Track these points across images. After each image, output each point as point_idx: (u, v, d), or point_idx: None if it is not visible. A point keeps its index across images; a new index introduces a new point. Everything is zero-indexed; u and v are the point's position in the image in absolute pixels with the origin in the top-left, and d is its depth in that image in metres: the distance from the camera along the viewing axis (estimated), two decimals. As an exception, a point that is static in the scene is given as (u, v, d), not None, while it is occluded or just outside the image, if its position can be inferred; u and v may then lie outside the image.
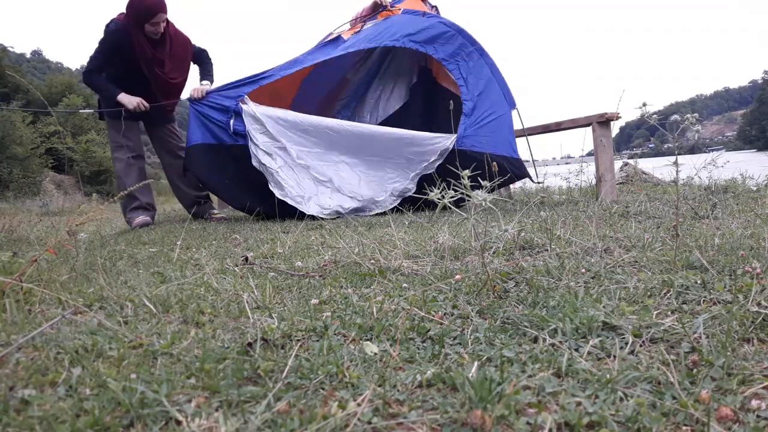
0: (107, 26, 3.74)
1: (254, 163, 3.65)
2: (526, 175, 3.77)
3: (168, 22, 3.75)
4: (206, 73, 4.02)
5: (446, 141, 3.69)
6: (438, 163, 3.68)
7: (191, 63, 4.05)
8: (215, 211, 4.29)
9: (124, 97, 3.76)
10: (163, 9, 3.60)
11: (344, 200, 3.68)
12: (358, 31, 4.08)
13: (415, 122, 4.73)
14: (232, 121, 3.66)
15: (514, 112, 3.89)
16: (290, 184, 3.64)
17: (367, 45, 3.95)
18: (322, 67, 4.51)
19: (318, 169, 3.71)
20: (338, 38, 4.08)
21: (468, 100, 3.75)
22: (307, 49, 4.09)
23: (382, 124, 5.08)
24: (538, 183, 4.10)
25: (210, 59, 4.11)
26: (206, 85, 3.82)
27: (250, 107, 3.67)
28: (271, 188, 3.64)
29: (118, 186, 3.94)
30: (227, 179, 3.77)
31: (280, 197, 3.61)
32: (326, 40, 4.15)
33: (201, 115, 3.72)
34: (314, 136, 3.75)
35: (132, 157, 3.96)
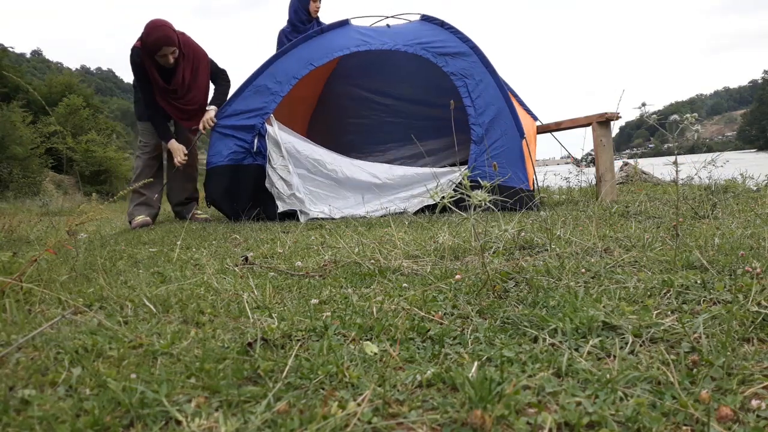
0: (131, 54, 3.87)
1: (267, 184, 3.72)
2: (535, 206, 3.48)
3: (181, 44, 3.79)
4: (215, 98, 4.05)
5: (456, 174, 3.65)
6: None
7: (209, 82, 4.09)
8: (199, 212, 4.29)
9: (173, 145, 3.97)
10: (167, 43, 3.67)
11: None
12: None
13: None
14: (256, 141, 3.71)
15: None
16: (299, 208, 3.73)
17: (381, 46, 3.91)
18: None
19: (312, 206, 3.72)
20: (347, 22, 4.08)
21: (476, 125, 3.64)
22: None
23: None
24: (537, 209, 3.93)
25: (226, 81, 4.13)
26: (211, 111, 3.85)
27: (274, 129, 3.73)
28: (280, 209, 3.70)
29: (134, 182, 4.01)
30: (237, 204, 3.83)
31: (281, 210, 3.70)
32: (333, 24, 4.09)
33: (224, 136, 3.80)
34: (328, 171, 3.80)
35: (152, 158, 4.09)
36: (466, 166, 3.66)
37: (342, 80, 5.37)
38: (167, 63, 3.75)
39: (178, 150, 3.95)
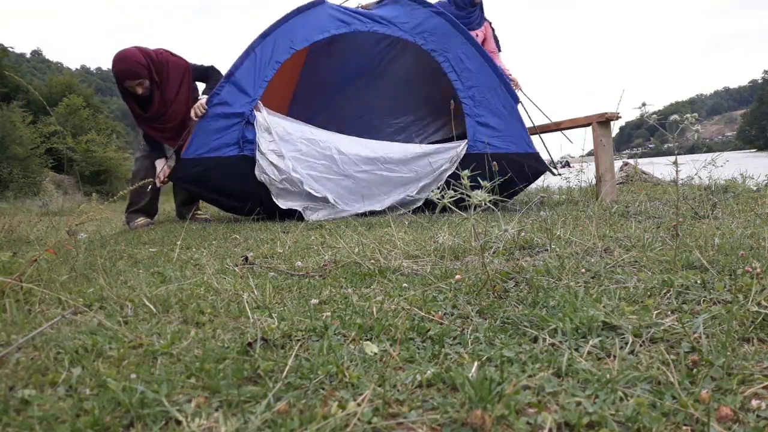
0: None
1: (257, 172, 3.60)
2: (546, 169, 3.56)
3: (154, 72, 3.69)
4: (208, 89, 3.92)
5: (457, 148, 3.59)
6: (449, 173, 3.56)
7: (194, 85, 4.00)
8: (199, 212, 4.28)
9: (158, 165, 3.90)
10: (129, 77, 3.57)
11: (339, 213, 3.62)
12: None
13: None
14: (244, 129, 3.61)
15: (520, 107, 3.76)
16: (292, 196, 3.63)
17: (361, 28, 3.79)
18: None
19: (314, 186, 3.62)
20: (322, 1, 3.88)
21: (466, 98, 3.61)
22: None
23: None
24: (559, 175, 3.97)
25: (216, 73, 3.98)
26: (203, 99, 3.71)
27: (263, 115, 3.61)
28: (274, 200, 3.62)
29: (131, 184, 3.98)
30: (227, 198, 3.75)
31: (283, 207, 3.60)
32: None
33: (211, 126, 3.66)
34: (322, 149, 3.67)
35: (151, 162, 4.02)
36: (463, 140, 3.63)
37: (320, 64, 5.12)
38: (138, 93, 3.68)
39: (159, 173, 3.85)
